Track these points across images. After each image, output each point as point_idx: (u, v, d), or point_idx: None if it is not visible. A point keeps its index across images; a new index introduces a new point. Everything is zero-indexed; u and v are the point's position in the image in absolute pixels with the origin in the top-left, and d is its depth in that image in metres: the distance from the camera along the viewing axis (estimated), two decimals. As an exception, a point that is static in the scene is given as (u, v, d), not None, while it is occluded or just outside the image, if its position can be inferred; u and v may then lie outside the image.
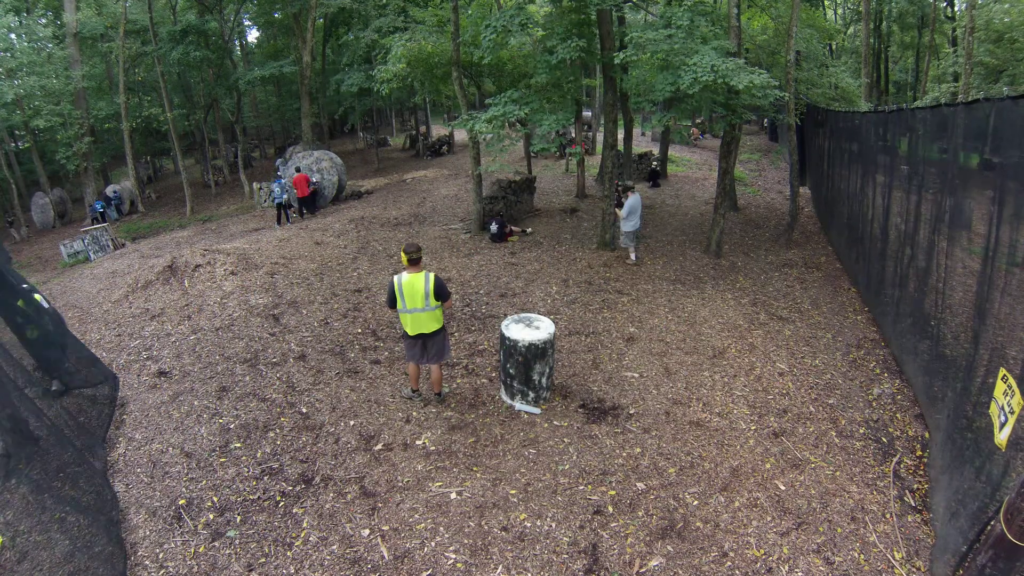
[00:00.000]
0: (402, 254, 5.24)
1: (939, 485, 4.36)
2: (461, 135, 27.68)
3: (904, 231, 6.34)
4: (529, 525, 4.23)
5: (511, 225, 12.09)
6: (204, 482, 4.87)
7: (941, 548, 3.76)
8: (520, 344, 5.45)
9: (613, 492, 4.55)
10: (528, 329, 5.66)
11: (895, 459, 4.85)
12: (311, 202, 16.12)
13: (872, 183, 7.69)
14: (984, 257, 4.11)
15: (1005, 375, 3.36)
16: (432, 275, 5.20)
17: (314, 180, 16.43)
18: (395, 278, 5.25)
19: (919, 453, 4.99)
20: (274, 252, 10.91)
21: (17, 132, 27.79)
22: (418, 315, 5.27)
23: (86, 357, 6.24)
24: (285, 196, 14.72)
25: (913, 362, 5.90)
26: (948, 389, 4.80)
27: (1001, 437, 3.24)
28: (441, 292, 5.23)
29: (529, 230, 12.15)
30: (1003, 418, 3.28)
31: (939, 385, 5.07)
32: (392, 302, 5.31)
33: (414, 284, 5.15)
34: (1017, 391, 3.17)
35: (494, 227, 11.54)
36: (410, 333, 5.40)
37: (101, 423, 5.53)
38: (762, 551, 3.96)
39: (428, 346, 5.50)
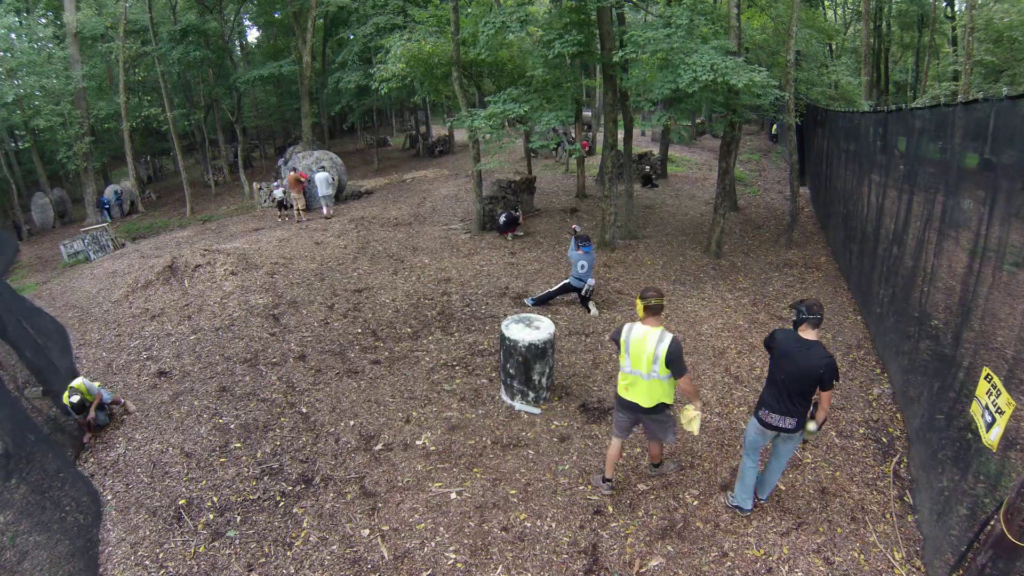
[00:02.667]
0: (638, 301, 4.05)
1: (919, 485, 4.36)
2: (461, 135, 27.67)
3: (893, 230, 6.35)
4: (529, 525, 4.23)
5: (522, 215, 12.07)
6: (204, 482, 4.87)
7: (932, 548, 3.76)
8: (520, 344, 5.45)
9: (613, 492, 4.55)
10: (528, 329, 5.66)
11: (895, 459, 4.85)
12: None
13: (867, 182, 7.70)
14: (971, 257, 4.09)
15: (989, 374, 3.33)
16: (671, 337, 3.95)
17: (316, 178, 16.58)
18: (626, 326, 4.11)
19: (919, 453, 4.99)
20: (274, 252, 10.91)
21: (17, 132, 27.78)
22: (639, 381, 4.08)
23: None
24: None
25: (895, 362, 5.92)
26: (925, 388, 4.80)
27: (991, 438, 3.21)
28: (674, 362, 3.92)
29: (519, 234, 12.08)
30: (988, 418, 3.25)
31: (917, 384, 5.08)
32: (617, 339, 4.18)
33: (643, 341, 3.98)
34: (1004, 391, 3.14)
35: (503, 218, 11.57)
36: (624, 397, 4.20)
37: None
38: (762, 551, 3.96)
39: (645, 423, 4.32)
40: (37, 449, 4.45)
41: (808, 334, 3.78)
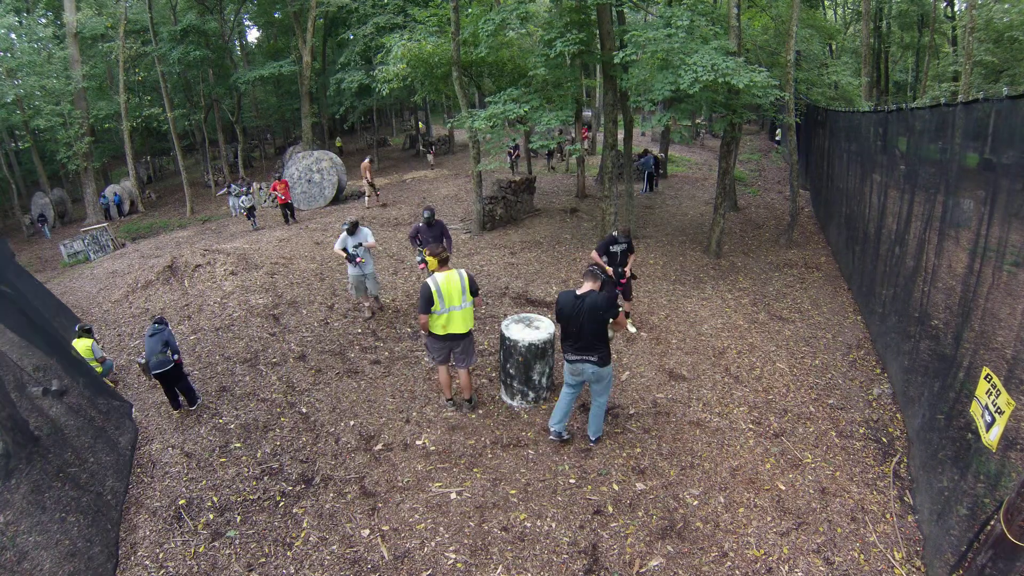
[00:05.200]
0: (429, 258, 5.18)
1: (919, 485, 4.36)
2: (461, 135, 27.69)
3: (893, 230, 6.34)
4: (529, 525, 4.23)
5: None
6: (204, 482, 4.87)
7: (932, 548, 3.76)
8: (520, 344, 5.44)
9: (613, 492, 4.55)
10: (528, 329, 5.66)
11: (895, 459, 4.85)
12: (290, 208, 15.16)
13: (867, 182, 7.70)
14: (971, 257, 4.08)
15: (989, 374, 3.33)
16: (464, 271, 5.20)
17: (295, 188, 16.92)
18: (430, 280, 5.02)
19: (919, 453, 4.98)
20: (274, 252, 10.91)
21: (17, 132, 27.81)
22: (454, 314, 5.12)
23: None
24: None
25: (895, 361, 5.92)
26: (925, 388, 4.79)
27: (991, 438, 3.21)
28: (475, 287, 5.26)
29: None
30: (988, 418, 3.26)
31: (917, 384, 5.07)
32: (427, 306, 5.03)
33: (450, 281, 5.05)
34: (1004, 391, 3.15)
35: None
36: (441, 334, 5.20)
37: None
38: (762, 551, 3.96)
39: (457, 349, 5.38)
40: (37, 448, 4.45)
41: (583, 288, 4.62)
